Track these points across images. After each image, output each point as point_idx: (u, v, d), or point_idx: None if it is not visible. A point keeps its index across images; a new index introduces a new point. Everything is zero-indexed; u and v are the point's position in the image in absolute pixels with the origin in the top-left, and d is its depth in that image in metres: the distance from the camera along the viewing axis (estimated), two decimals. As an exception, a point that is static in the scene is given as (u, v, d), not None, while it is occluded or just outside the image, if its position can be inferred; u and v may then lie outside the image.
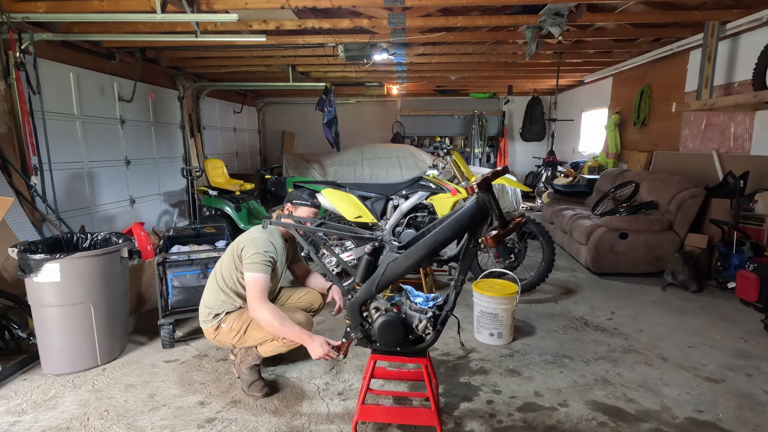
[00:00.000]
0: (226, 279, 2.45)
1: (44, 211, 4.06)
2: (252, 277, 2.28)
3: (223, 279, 2.46)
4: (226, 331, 2.43)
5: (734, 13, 4.41)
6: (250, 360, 2.48)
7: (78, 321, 2.71)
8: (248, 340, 2.41)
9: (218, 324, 2.44)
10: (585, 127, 9.09)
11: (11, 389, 2.59)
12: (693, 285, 4.10)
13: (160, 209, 6.58)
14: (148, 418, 2.30)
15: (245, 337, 2.40)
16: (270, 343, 2.39)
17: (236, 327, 2.40)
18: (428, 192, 4.05)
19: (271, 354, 2.44)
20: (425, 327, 1.99)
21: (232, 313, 2.44)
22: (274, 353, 2.44)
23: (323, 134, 7.27)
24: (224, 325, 2.43)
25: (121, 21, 4.18)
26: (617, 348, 3.05)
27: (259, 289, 2.27)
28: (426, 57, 6.25)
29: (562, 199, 6.40)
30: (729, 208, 4.19)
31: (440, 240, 1.85)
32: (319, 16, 4.74)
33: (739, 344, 3.10)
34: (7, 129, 3.93)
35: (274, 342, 2.38)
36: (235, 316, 2.42)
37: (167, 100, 6.79)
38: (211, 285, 2.50)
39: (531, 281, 4.01)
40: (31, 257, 2.58)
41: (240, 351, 2.53)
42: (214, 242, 3.73)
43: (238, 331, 2.40)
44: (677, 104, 4.95)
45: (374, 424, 2.23)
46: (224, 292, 2.45)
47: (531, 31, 4.86)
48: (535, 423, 2.25)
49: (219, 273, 2.49)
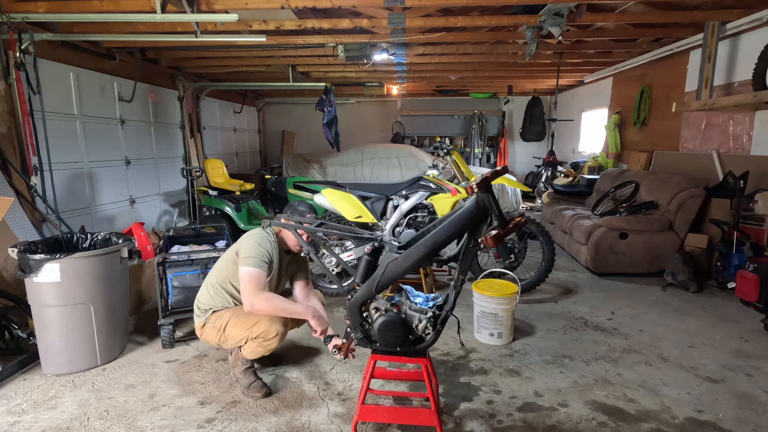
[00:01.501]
0: (219, 276, 2.48)
1: (44, 211, 4.06)
2: (246, 271, 2.28)
3: (216, 276, 2.49)
4: (209, 328, 2.45)
5: (734, 13, 4.41)
6: (240, 364, 2.51)
7: (78, 321, 2.71)
8: (228, 339, 2.41)
9: (204, 321, 2.46)
10: (585, 127, 9.08)
11: (11, 389, 2.59)
12: (693, 285, 4.10)
13: (160, 209, 6.58)
14: (148, 418, 2.30)
15: (225, 335, 2.40)
16: (248, 344, 2.39)
17: (217, 325, 2.41)
18: (428, 192, 4.05)
19: (252, 356, 2.42)
20: (425, 327, 1.99)
21: (217, 312, 2.45)
22: (256, 355, 2.41)
23: (323, 134, 7.28)
24: (209, 322, 2.45)
25: (121, 21, 4.18)
26: (617, 348, 3.05)
27: (253, 281, 2.26)
28: (426, 57, 6.24)
29: (562, 199, 6.40)
30: (729, 208, 4.19)
31: (440, 240, 1.85)
32: (319, 16, 4.74)
33: (739, 344, 3.10)
34: (7, 129, 3.93)
35: (250, 343, 2.37)
36: (218, 315, 2.43)
37: (167, 100, 6.79)
38: (205, 282, 2.54)
39: (531, 281, 4.01)
40: (31, 257, 2.58)
41: (233, 355, 2.56)
42: (214, 242, 3.73)
43: (219, 329, 2.41)
44: (677, 104, 4.95)
45: (374, 424, 2.23)
46: (214, 288, 2.47)
47: (531, 31, 4.86)
48: (535, 423, 2.25)
49: (214, 270, 2.53)
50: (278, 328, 2.34)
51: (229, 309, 2.45)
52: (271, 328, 2.32)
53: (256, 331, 2.34)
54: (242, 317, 2.37)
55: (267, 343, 2.36)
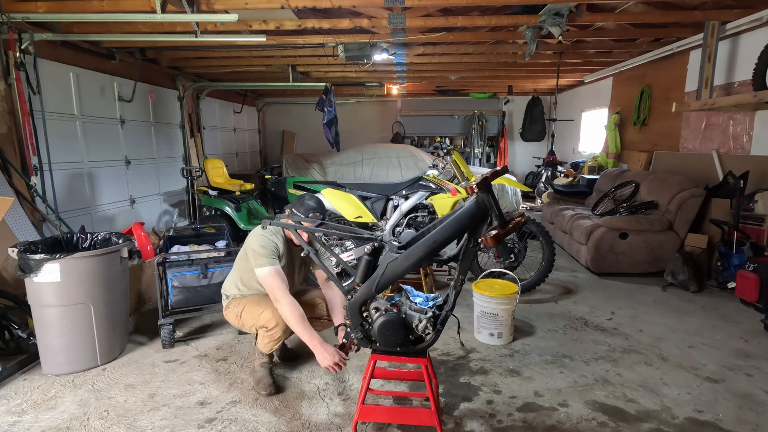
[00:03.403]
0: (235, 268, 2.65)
1: (44, 211, 4.06)
2: (262, 273, 2.36)
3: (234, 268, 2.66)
4: (229, 312, 2.61)
5: (734, 13, 4.41)
6: (258, 357, 2.61)
7: (78, 321, 2.71)
8: (245, 324, 2.54)
9: (227, 305, 2.62)
10: (585, 127, 9.08)
11: (11, 389, 2.59)
12: (693, 285, 4.10)
13: (160, 209, 6.58)
14: (148, 418, 2.30)
15: (241, 320, 2.54)
16: (259, 334, 2.50)
17: (236, 311, 2.55)
18: (428, 192, 4.05)
19: (266, 349, 2.51)
20: (425, 327, 1.99)
21: (237, 299, 2.59)
22: (268, 348, 2.51)
23: (323, 134, 7.27)
24: (230, 307, 2.60)
25: (121, 21, 4.18)
26: (617, 348, 3.05)
27: (274, 282, 2.33)
28: (426, 57, 6.24)
29: (562, 199, 6.40)
30: (729, 208, 4.19)
31: (440, 240, 1.85)
32: (319, 16, 4.74)
33: (739, 344, 3.10)
34: (7, 129, 3.93)
35: (260, 332, 2.48)
36: (237, 302, 2.57)
37: (167, 100, 6.79)
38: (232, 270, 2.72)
39: (531, 281, 4.01)
40: (31, 257, 2.58)
41: None
42: (214, 242, 3.74)
43: (237, 315, 2.55)
44: (677, 104, 4.95)
45: (374, 424, 2.23)
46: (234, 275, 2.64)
47: (531, 31, 4.85)
48: (535, 423, 2.25)
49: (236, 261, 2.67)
50: (279, 318, 2.39)
51: (246, 297, 2.57)
52: (272, 318, 2.40)
53: (261, 320, 2.44)
54: (253, 306, 2.49)
55: (270, 333, 2.43)
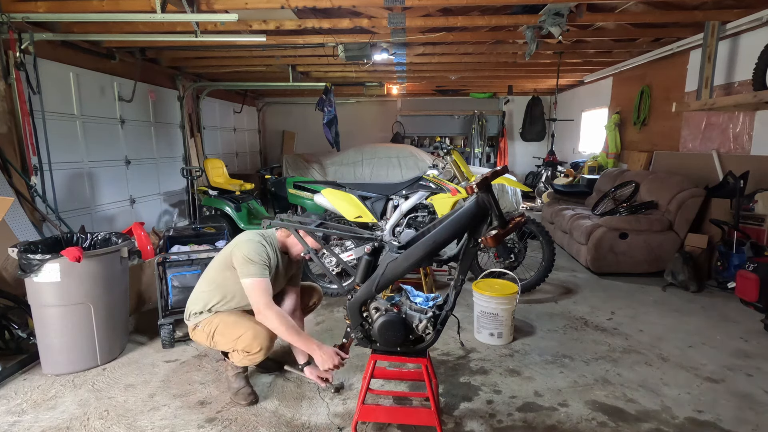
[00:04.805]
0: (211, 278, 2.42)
1: (44, 211, 4.06)
2: (250, 282, 2.21)
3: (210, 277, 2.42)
4: (199, 332, 2.39)
5: (734, 13, 4.41)
6: (231, 368, 2.45)
7: (78, 321, 2.71)
8: (217, 345, 2.38)
9: (195, 325, 2.40)
10: (585, 127, 9.08)
11: (11, 389, 2.59)
12: (693, 285, 4.10)
13: (160, 209, 6.58)
14: (148, 418, 2.30)
15: (213, 341, 2.36)
16: (236, 355, 2.34)
17: (206, 330, 2.35)
18: (428, 192, 4.05)
19: (241, 365, 2.38)
20: (425, 327, 1.99)
21: (207, 318, 2.37)
22: (244, 365, 2.38)
23: (323, 134, 7.27)
24: (199, 327, 2.39)
25: (121, 21, 4.18)
26: (617, 348, 3.05)
27: (261, 293, 2.19)
28: (426, 57, 6.24)
29: (562, 199, 6.40)
30: (729, 208, 4.19)
31: (440, 240, 1.85)
32: (319, 16, 4.74)
33: (739, 344, 3.10)
34: (7, 129, 3.93)
35: (236, 354, 2.33)
36: (208, 321, 2.36)
37: (167, 100, 6.79)
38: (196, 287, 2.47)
39: (531, 281, 4.01)
40: (31, 257, 2.57)
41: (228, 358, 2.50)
42: (214, 242, 3.73)
43: (208, 335, 2.35)
44: (677, 104, 4.96)
45: (374, 424, 2.23)
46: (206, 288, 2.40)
47: (531, 31, 4.85)
48: (535, 423, 2.25)
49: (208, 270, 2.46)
50: (262, 342, 2.25)
51: (218, 315, 2.36)
52: (254, 342, 2.24)
53: (240, 344, 2.28)
54: (229, 327, 2.30)
55: (251, 357, 2.30)
